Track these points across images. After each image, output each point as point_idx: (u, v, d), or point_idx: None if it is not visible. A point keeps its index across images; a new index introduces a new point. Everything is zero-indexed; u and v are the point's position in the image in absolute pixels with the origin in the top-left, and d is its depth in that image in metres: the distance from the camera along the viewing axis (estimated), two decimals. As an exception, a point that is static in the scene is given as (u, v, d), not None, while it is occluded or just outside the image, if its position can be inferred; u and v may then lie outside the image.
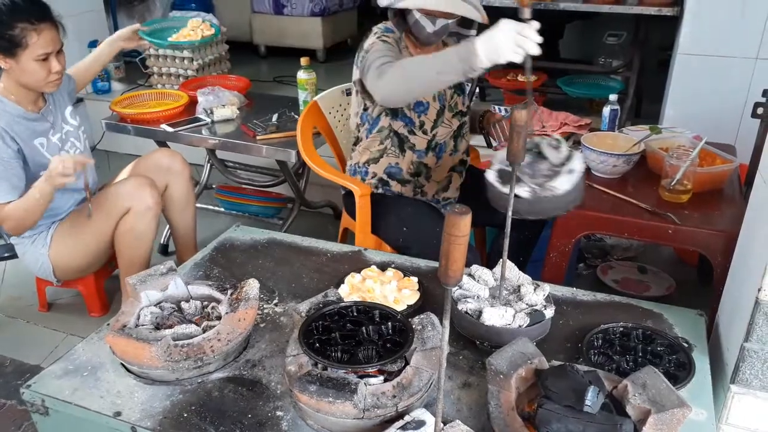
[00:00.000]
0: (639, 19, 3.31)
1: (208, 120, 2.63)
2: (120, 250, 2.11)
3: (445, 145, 2.04)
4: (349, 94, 2.40)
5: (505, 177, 1.38)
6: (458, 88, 2.04)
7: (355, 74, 1.96)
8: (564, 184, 1.35)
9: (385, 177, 2.05)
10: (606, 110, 2.80)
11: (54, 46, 1.93)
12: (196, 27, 3.03)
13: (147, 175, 2.14)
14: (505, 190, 1.33)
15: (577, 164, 1.38)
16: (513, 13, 1.45)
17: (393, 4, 1.82)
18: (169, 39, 2.81)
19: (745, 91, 2.76)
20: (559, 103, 3.68)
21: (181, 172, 2.28)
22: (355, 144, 2.09)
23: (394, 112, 1.96)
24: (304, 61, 2.60)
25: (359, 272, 1.63)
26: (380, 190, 2.06)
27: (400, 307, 1.49)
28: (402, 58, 1.79)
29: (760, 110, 1.88)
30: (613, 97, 2.78)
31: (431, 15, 1.81)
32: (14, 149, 1.93)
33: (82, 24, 3.93)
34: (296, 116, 2.61)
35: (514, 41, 1.39)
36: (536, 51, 1.38)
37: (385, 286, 1.56)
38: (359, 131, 2.06)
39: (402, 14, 1.89)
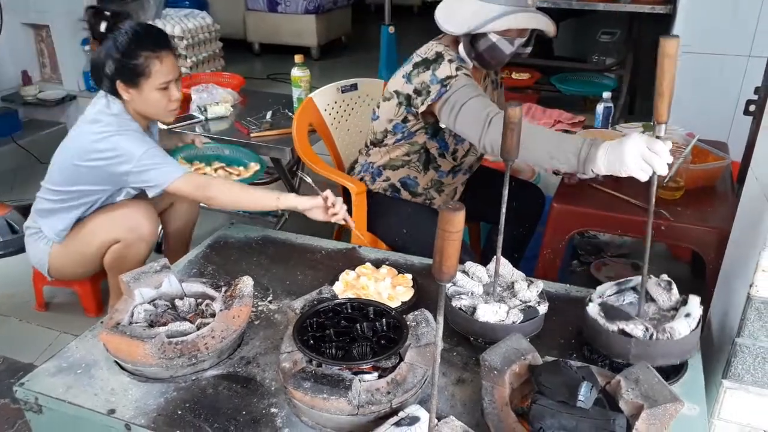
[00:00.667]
0: (632, 17, 3.32)
1: (202, 117, 2.62)
2: (109, 270, 2.09)
3: (463, 165, 2.03)
4: (344, 91, 2.40)
5: (609, 312, 1.28)
6: None
7: (403, 87, 1.84)
8: (683, 328, 1.22)
9: (398, 185, 2.02)
10: (599, 108, 2.81)
11: (174, 74, 1.89)
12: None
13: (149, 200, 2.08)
14: (611, 327, 1.24)
15: (696, 309, 1.26)
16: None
17: (476, 29, 1.69)
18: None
19: (737, 88, 2.78)
20: (552, 100, 3.69)
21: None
22: (374, 145, 2.02)
23: (434, 133, 1.90)
24: (298, 58, 2.60)
25: (354, 269, 1.63)
26: (388, 194, 2.04)
27: (394, 303, 1.50)
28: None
29: (752, 107, 1.89)
30: (606, 94, 2.79)
31: (509, 36, 1.73)
32: None
33: (76, 23, 3.91)
34: (290, 114, 2.61)
35: (642, 157, 1.28)
36: (664, 171, 1.28)
37: (379, 283, 1.56)
38: (386, 137, 1.97)
39: (471, 40, 1.76)
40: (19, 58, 4.10)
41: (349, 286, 1.57)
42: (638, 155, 1.29)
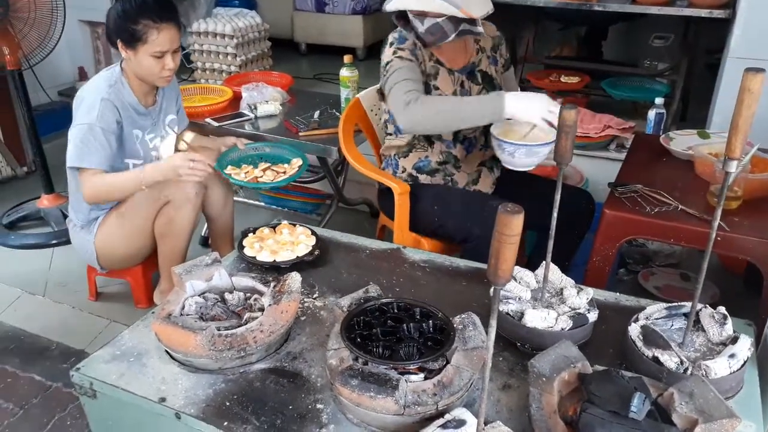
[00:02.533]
0: (688, 21, 3.23)
1: (252, 115, 2.67)
2: (159, 240, 2.16)
3: (475, 140, 2.05)
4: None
5: (648, 337, 1.27)
6: (489, 84, 2.03)
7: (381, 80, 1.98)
8: (722, 369, 1.18)
9: (414, 173, 2.08)
10: (651, 113, 2.75)
11: (171, 46, 2.00)
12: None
13: None
14: (647, 352, 1.24)
15: (743, 350, 1.22)
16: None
17: (384, 8, 1.84)
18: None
19: (798, 96, 2.66)
20: (602, 105, 3.62)
21: (220, 175, 2.27)
22: (386, 135, 2.14)
23: None
24: (347, 58, 2.61)
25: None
26: (410, 182, 2.09)
27: (300, 249, 1.71)
28: (421, 81, 1.87)
29: (816, 116, 1.82)
30: (659, 100, 2.72)
31: (420, 15, 1.80)
32: (117, 124, 2.03)
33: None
34: (337, 113, 2.63)
35: (547, 110, 1.70)
36: (555, 120, 1.62)
37: (279, 236, 1.77)
38: (387, 127, 2.12)
39: (405, 17, 1.89)
40: (76, 54, 4.24)
41: (259, 241, 1.74)
42: (542, 109, 1.69)
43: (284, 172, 2.22)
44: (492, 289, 0.88)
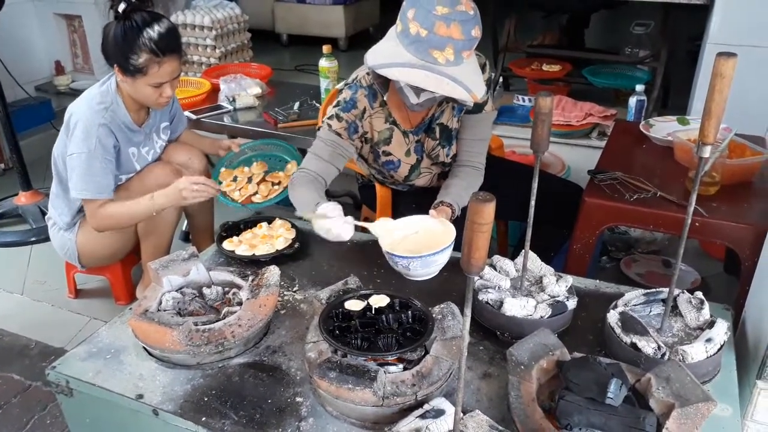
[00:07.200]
0: (668, 7, 3.24)
1: (230, 107, 2.64)
2: (143, 238, 2.14)
3: (428, 187, 1.97)
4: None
5: (626, 323, 1.27)
6: (445, 139, 1.85)
7: None
8: (698, 353, 1.19)
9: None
10: (632, 101, 2.76)
11: (171, 77, 1.92)
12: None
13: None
14: (626, 338, 1.24)
15: (720, 334, 1.23)
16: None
17: (376, 69, 1.56)
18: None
19: (776, 82, 2.68)
20: (584, 93, 3.63)
21: (197, 170, 2.24)
22: None
23: (364, 160, 1.93)
24: (326, 48, 2.59)
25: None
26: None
27: (280, 243, 1.70)
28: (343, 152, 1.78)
29: (793, 101, 1.83)
30: (639, 87, 2.72)
31: (416, 87, 1.57)
32: (114, 148, 1.96)
33: (108, 13, 3.96)
34: (318, 105, 2.62)
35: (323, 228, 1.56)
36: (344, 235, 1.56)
37: (258, 230, 1.78)
38: None
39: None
40: (52, 48, 4.17)
41: (235, 240, 1.74)
42: (322, 229, 1.56)
43: (279, 183, 2.16)
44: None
